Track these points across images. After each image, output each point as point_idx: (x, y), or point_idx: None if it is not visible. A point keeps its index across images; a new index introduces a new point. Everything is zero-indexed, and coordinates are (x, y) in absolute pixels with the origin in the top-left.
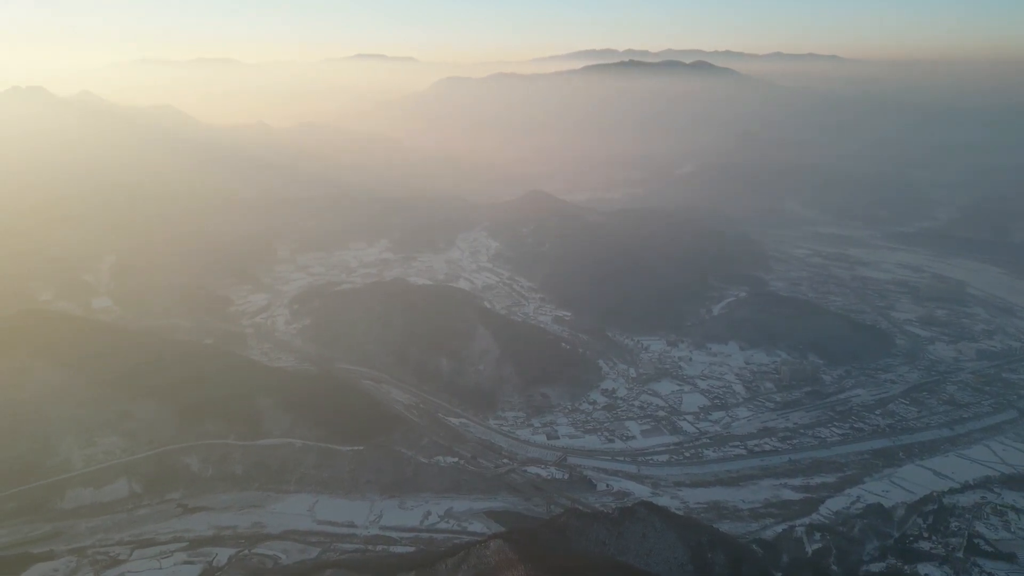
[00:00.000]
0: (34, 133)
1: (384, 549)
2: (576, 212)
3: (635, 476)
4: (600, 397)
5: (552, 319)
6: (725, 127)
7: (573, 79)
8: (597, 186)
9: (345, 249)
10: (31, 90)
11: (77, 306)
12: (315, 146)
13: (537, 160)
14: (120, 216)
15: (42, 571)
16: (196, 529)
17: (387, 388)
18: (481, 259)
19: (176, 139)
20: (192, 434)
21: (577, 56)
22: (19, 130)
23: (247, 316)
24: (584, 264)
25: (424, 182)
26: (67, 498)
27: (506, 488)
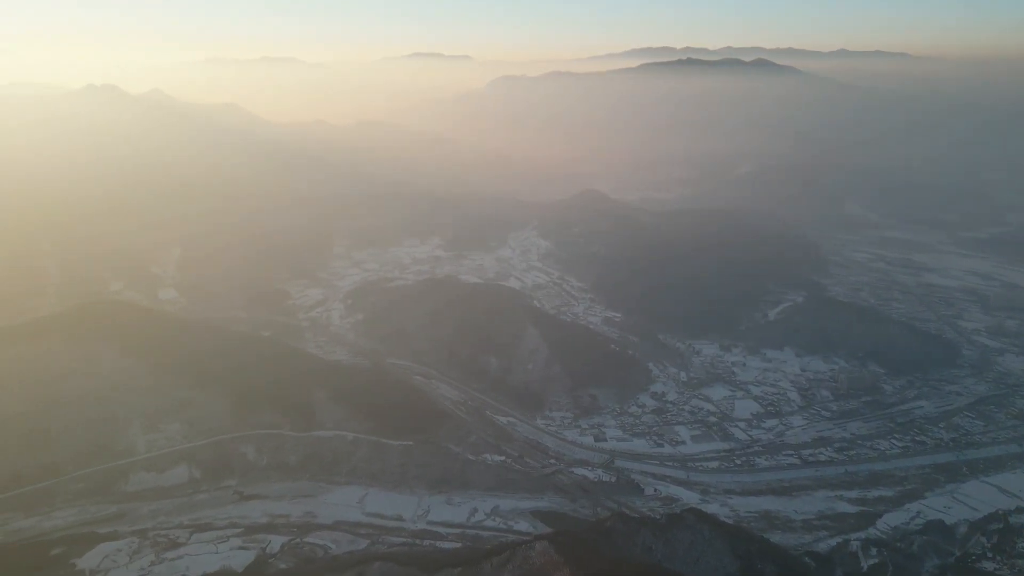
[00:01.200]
0: (107, 129)
1: (431, 544)
2: (628, 212)
3: (684, 482)
4: (649, 400)
5: (602, 320)
6: (785, 127)
7: (628, 78)
8: (650, 186)
9: (399, 246)
10: (105, 88)
11: (145, 296)
12: (371, 144)
13: (590, 159)
14: (187, 210)
15: (106, 551)
16: (251, 516)
17: (436, 384)
18: (531, 258)
19: (240, 136)
20: (249, 423)
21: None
22: (93, 126)
23: (304, 310)
24: (636, 265)
25: (477, 181)
26: (131, 481)
27: (552, 488)
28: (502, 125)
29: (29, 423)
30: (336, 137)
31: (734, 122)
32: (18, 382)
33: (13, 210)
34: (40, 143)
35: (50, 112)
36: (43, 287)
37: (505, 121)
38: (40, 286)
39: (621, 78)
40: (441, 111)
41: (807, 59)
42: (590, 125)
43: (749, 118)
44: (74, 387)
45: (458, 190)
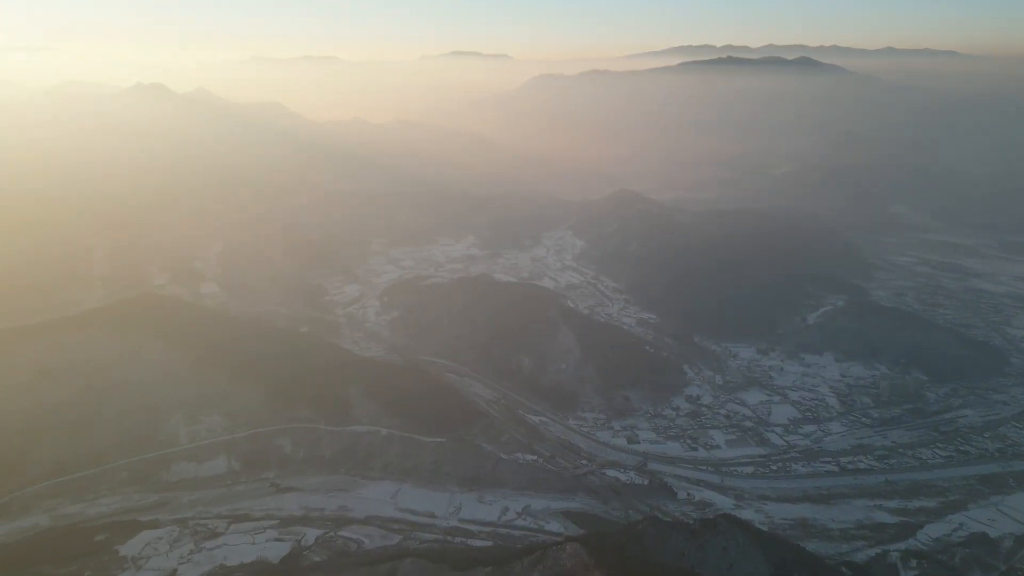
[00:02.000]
0: (154, 127)
1: (462, 542)
2: (665, 212)
3: (718, 487)
4: (684, 403)
5: (636, 321)
6: (828, 126)
7: (667, 76)
8: (688, 186)
9: (434, 244)
10: (153, 86)
11: (188, 291)
12: (409, 143)
13: (627, 159)
14: (229, 207)
15: (148, 538)
16: (287, 508)
17: (469, 382)
18: (566, 258)
19: (281, 134)
20: (286, 417)
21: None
22: (141, 124)
23: (340, 306)
24: (671, 265)
25: (512, 179)
26: (172, 471)
27: (584, 489)
28: (539, 124)
29: (77, 412)
30: (374, 135)
31: (775, 122)
32: (67, 372)
33: (64, 205)
34: (90, 140)
35: (100, 110)
36: (92, 280)
37: (542, 120)
38: (89, 279)
39: (659, 77)
40: (478, 110)
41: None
42: (627, 124)
43: (791, 118)
44: (119, 378)
45: (494, 189)
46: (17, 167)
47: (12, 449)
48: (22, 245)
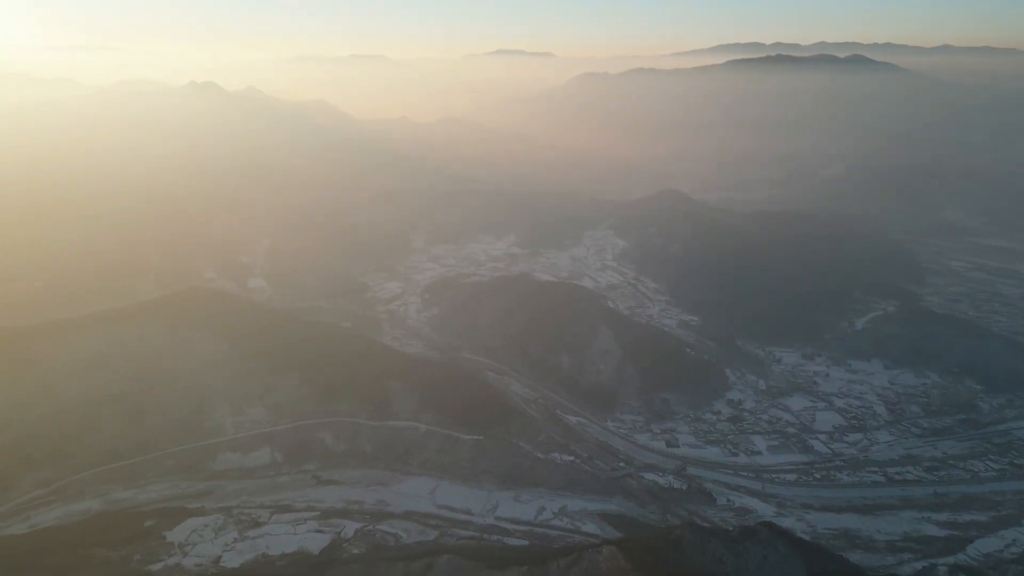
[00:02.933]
0: (206, 125)
1: (498, 540)
2: (709, 212)
3: (758, 493)
4: (725, 407)
5: (677, 323)
6: (880, 126)
7: (714, 74)
8: (734, 186)
9: (475, 242)
10: (205, 85)
11: (235, 285)
12: (452, 141)
13: (672, 158)
14: (276, 203)
15: (194, 525)
16: (327, 501)
17: (508, 381)
18: (606, 257)
19: (328, 132)
20: (328, 411)
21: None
22: (193, 121)
23: (382, 302)
24: (715, 267)
25: (554, 178)
26: (218, 460)
27: (622, 492)
28: (582, 123)
29: (129, 401)
30: (418, 134)
31: (825, 121)
32: (120, 361)
33: (119, 199)
34: (145, 137)
35: (154, 108)
36: (145, 273)
37: (585, 119)
38: (142, 272)
39: (706, 75)
40: (521, 108)
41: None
42: (672, 123)
43: (842, 117)
44: (169, 368)
45: (535, 188)
46: (75, 163)
47: (69, 435)
48: (80, 238)
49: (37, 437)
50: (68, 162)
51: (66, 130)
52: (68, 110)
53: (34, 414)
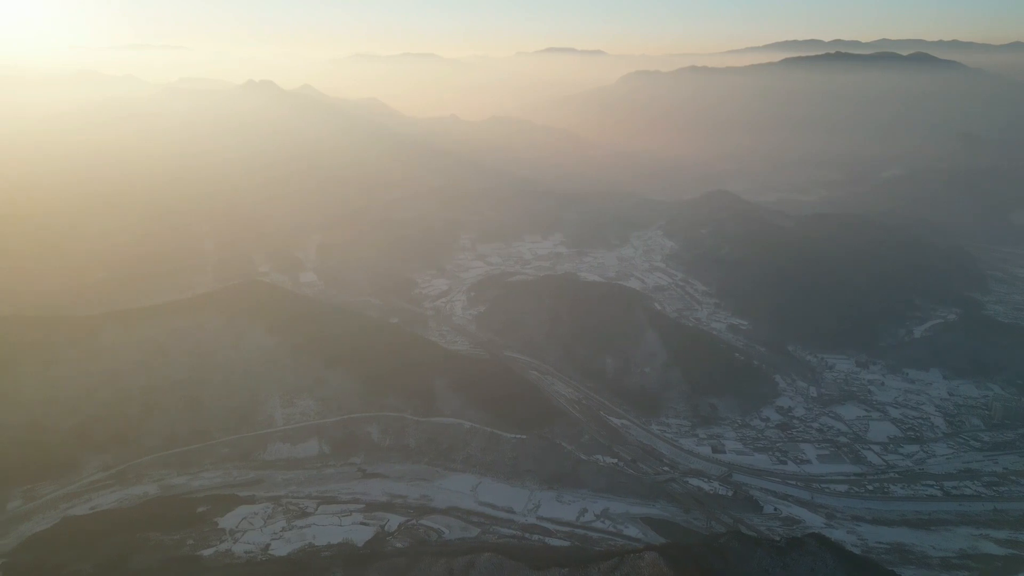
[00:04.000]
0: (263, 123)
1: (540, 540)
2: (762, 214)
3: (807, 503)
4: (774, 414)
5: (726, 327)
6: (944, 127)
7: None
8: (789, 187)
9: (521, 241)
10: (263, 84)
11: (288, 279)
12: (501, 139)
13: (724, 158)
14: (328, 200)
15: (245, 513)
16: (372, 494)
17: (552, 380)
18: (655, 258)
19: (379, 130)
20: (375, 405)
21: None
22: (251, 119)
23: (429, 299)
24: (766, 270)
25: (603, 178)
26: (268, 450)
27: (665, 497)
28: (633, 121)
29: (185, 390)
30: (468, 132)
31: (886, 121)
32: (179, 352)
33: (180, 195)
34: (204, 134)
35: (214, 106)
36: (203, 266)
37: (636, 117)
38: (201, 265)
39: (761, 73)
40: (571, 107)
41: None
42: (726, 122)
43: (903, 117)
44: (224, 359)
45: (583, 187)
46: (138, 158)
47: (129, 421)
48: (142, 231)
49: (101, 422)
50: (132, 158)
51: (130, 126)
52: (132, 107)
53: (98, 400)
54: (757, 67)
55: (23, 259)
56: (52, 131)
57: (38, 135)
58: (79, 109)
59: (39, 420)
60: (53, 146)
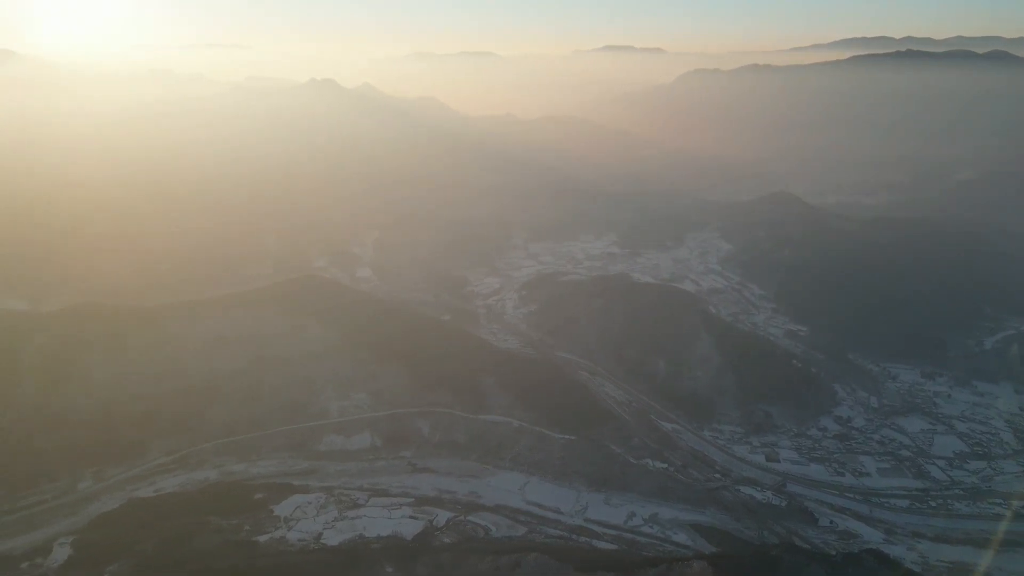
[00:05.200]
0: (324, 121)
1: (587, 542)
2: (824, 217)
3: (865, 517)
4: (832, 424)
5: (784, 332)
6: (1021, 129)
7: (836, 71)
8: (854, 190)
9: (574, 240)
10: (324, 82)
11: (345, 274)
12: (556, 138)
13: (786, 159)
14: (386, 197)
15: (299, 502)
16: (421, 488)
17: (602, 382)
18: (710, 260)
19: (435, 129)
20: (425, 400)
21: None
22: (311, 117)
23: (481, 297)
24: (828, 275)
25: (659, 177)
26: (323, 442)
27: (716, 504)
28: (691, 120)
29: (245, 380)
30: (523, 131)
31: (960, 122)
32: (238, 342)
33: (243, 190)
34: (267, 132)
35: (277, 104)
36: (264, 259)
37: (694, 116)
38: (261, 258)
39: (827, 71)
40: (628, 105)
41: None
42: (788, 122)
43: (978, 118)
44: (281, 351)
45: (638, 186)
46: (204, 155)
47: (192, 409)
48: (206, 225)
49: (165, 409)
50: (200, 154)
51: (199, 124)
52: (201, 105)
53: (163, 388)
54: (822, 65)
55: (97, 251)
56: (124, 128)
57: (111, 132)
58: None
59: (108, 405)
60: (127, 143)
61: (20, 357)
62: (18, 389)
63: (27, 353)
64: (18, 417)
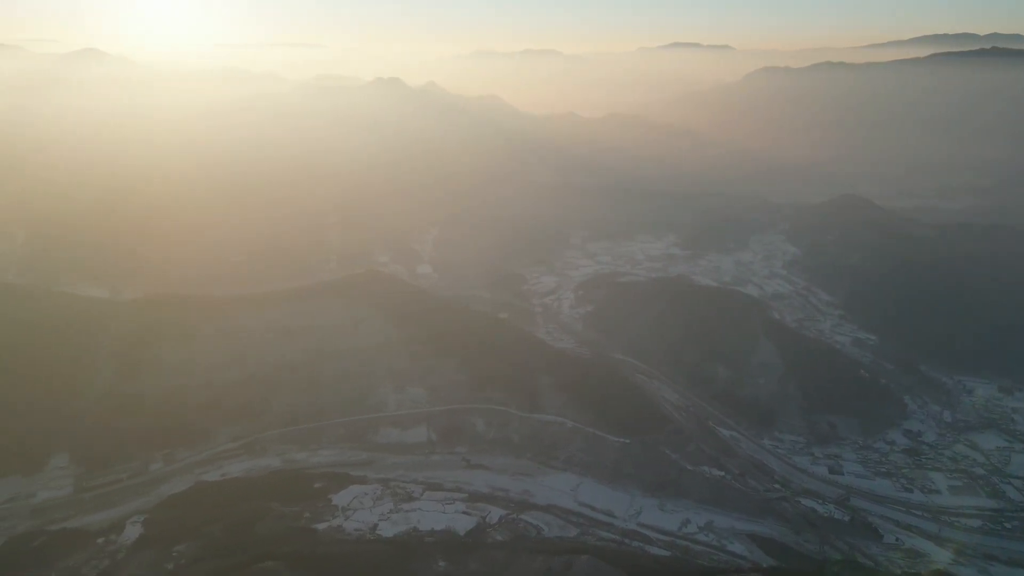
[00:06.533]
0: (388, 119)
1: (640, 547)
2: (898, 222)
3: (934, 536)
4: (901, 438)
5: (851, 341)
6: None
7: (914, 69)
8: (930, 193)
9: (632, 241)
10: (390, 80)
11: (405, 270)
12: (618, 137)
13: (858, 160)
14: (445, 194)
15: (356, 492)
16: (475, 484)
17: (658, 385)
18: (775, 264)
19: (497, 127)
20: (480, 397)
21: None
22: (377, 115)
23: (537, 296)
24: (900, 282)
25: (723, 178)
26: (380, 434)
27: (774, 515)
28: (759, 120)
29: (308, 370)
30: (584, 129)
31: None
32: (303, 334)
33: (310, 187)
34: (335, 130)
35: (344, 102)
36: (328, 254)
37: (763, 116)
38: (326, 254)
39: (905, 69)
40: (694, 104)
41: None
42: (862, 122)
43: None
44: (343, 344)
45: (701, 187)
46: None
47: (257, 397)
48: (276, 220)
49: (232, 396)
50: (270, 151)
51: (269, 122)
52: (272, 103)
53: (231, 376)
54: (900, 63)
55: (171, 243)
56: (201, 125)
57: (189, 128)
58: (225, 106)
59: (179, 391)
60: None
61: (100, 343)
62: (97, 373)
63: (106, 339)
64: (96, 400)
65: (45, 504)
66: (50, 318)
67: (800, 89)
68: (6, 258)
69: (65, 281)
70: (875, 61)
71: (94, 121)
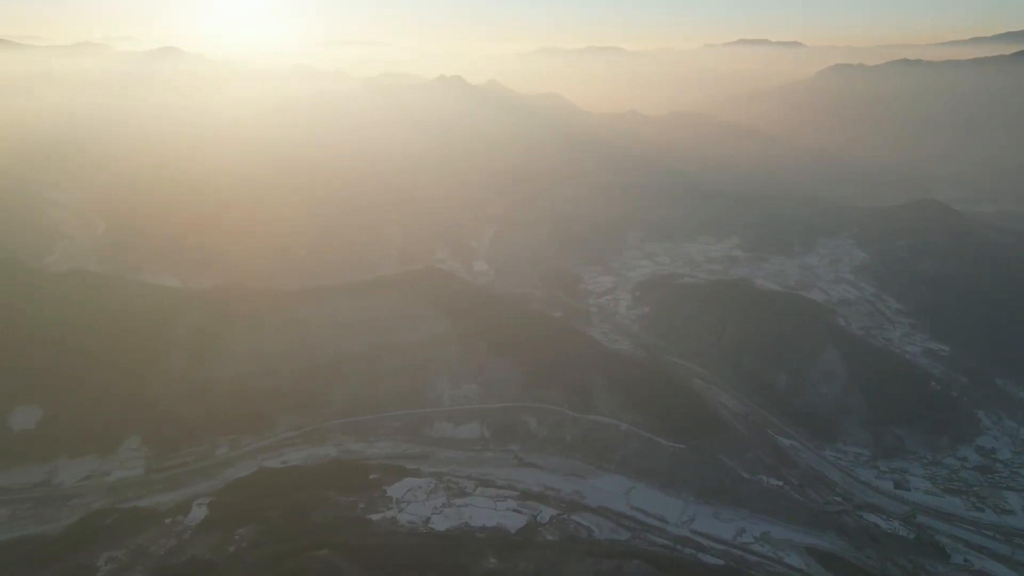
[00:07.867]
0: (449, 117)
1: (692, 554)
2: (974, 227)
3: (1006, 559)
4: (973, 454)
5: (922, 351)
6: None
7: (998, 66)
8: (1013, 198)
9: (692, 242)
10: (452, 79)
11: (462, 267)
12: (680, 136)
13: (934, 163)
14: (505, 192)
15: (410, 485)
16: (526, 482)
17: (716, 391)
18: (842, 269)
19: (557, 126)
20: (534, 396)
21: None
22: (439, 113)
23: (593, 296)
24: (976, 291)
25: (790, 179)
26: (434, 428)
27: (835, 528)
28: (830, 119)
29: (367, 363)
30: (646, 128)
31: None
32: (363, 328)
33: (372, 183)
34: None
35: (407, 100)
36: (389, 251)
37: (834, 115)
38: (387, 250)
39: (986, 67)
40: (761, 102)
41: None
42: (939, 122)
43: None
44: (401, 338)
45: (766, 188)
46: (340, 149)
47: (318, 387)
48: (338, 214)
49: (294, 386)
50: (333, 147)
51: (334, 119)
52: (337, 101)
53: (294, 366)
54: (982, 60)
55: (240, 237)
56: (271, 122)
57: (259, 125)
58: (293, 103)
59: (245, 379)
60: (270, 135)
61: (172, 330)
62: (169, 360)
63: (178, 327)
64: (168, 385)
65: (119, 483)
66: (127, 305)
67: (874, 88)
68: (87, 247)
69: (141, 270)
70: (955, 59)
71: (173, 117)
